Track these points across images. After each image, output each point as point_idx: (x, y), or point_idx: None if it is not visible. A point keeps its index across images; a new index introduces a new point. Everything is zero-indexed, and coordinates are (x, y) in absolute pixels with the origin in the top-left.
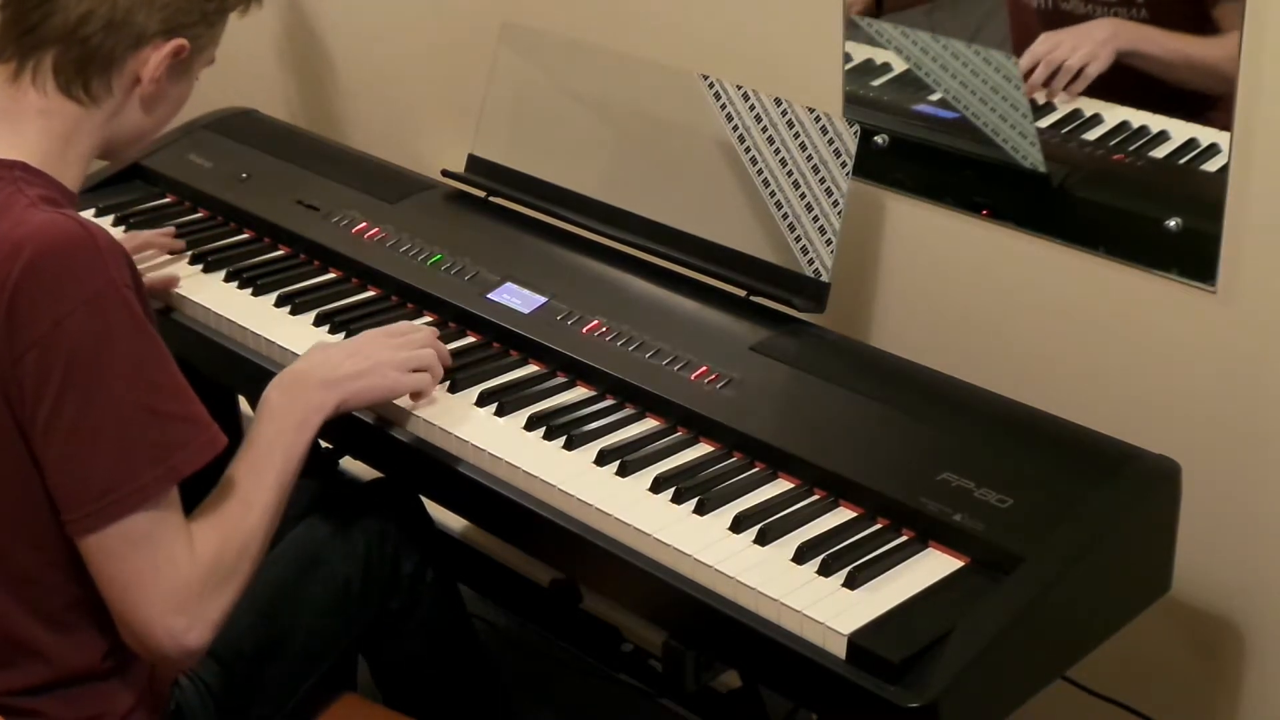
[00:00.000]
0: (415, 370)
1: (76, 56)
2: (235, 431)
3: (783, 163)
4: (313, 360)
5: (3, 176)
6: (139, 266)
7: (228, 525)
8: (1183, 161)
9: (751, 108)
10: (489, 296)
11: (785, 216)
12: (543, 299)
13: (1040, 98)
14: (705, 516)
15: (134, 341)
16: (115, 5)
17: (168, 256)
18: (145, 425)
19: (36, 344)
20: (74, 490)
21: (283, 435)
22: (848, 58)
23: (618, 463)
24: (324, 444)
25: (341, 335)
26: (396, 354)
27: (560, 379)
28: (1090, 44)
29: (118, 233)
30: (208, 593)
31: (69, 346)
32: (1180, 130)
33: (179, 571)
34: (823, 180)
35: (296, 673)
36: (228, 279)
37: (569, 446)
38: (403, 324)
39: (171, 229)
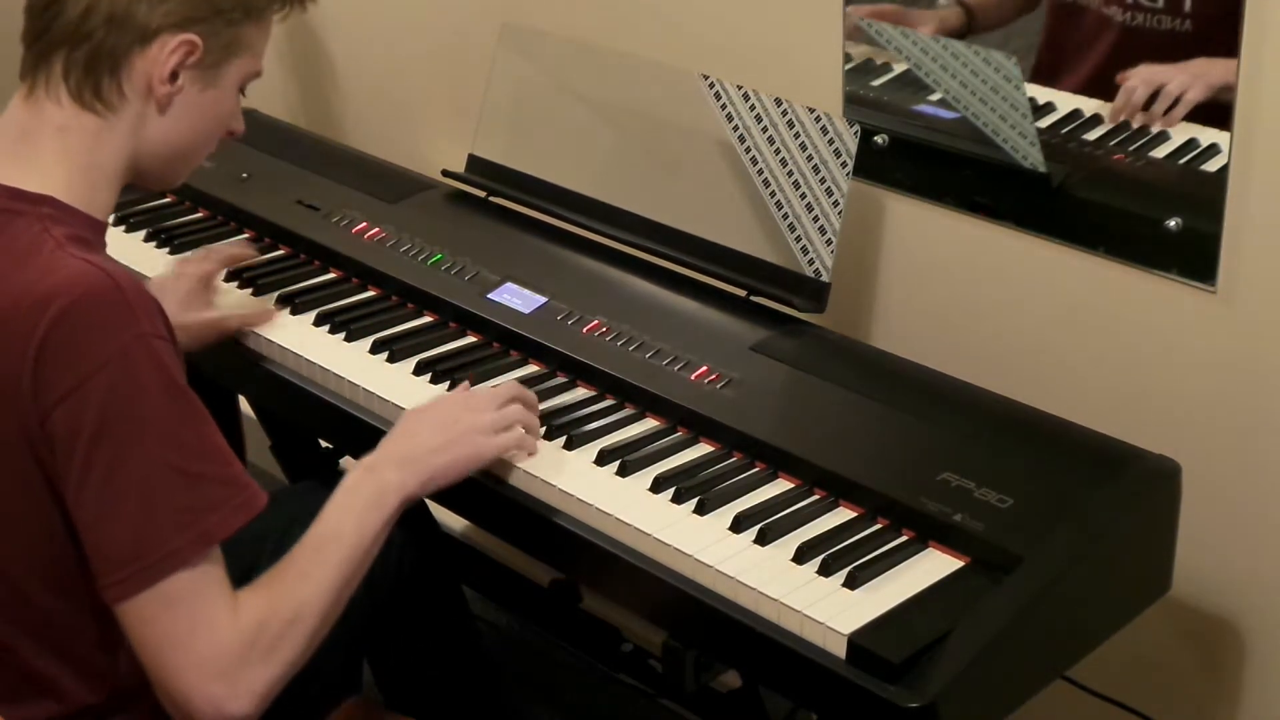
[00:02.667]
0: (504, 430)
1: (83, 56)
2: (235, 431)
3: (783, 163)
4: (395, 439)
5: (28, 213)
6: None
7: (278, 594)
8: (1183, 161)
9: (751, 108)
10: (489, 296)
11: (785, 216)
12: (543, 299)
13: (1136, 121)
14: (705, 516)
15: (164, 398)
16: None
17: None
18: (174, 487)
19: (65, 400)
20: (106, 554)
21: (352, 513)
22: (848, 58)
23: (618, 463)
24: (324, 444)
25: (341, 335)
26: (481, 417)
27: (560, 379)
28: (1188, 75)
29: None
30: (251, 661)
31: (98, 404)
32: (1180, 130)
33: (218, 636)
34: (823, 180)
35: (300, 676)
36: (228, 279)
37: (569, 446)
38: (485, 387)
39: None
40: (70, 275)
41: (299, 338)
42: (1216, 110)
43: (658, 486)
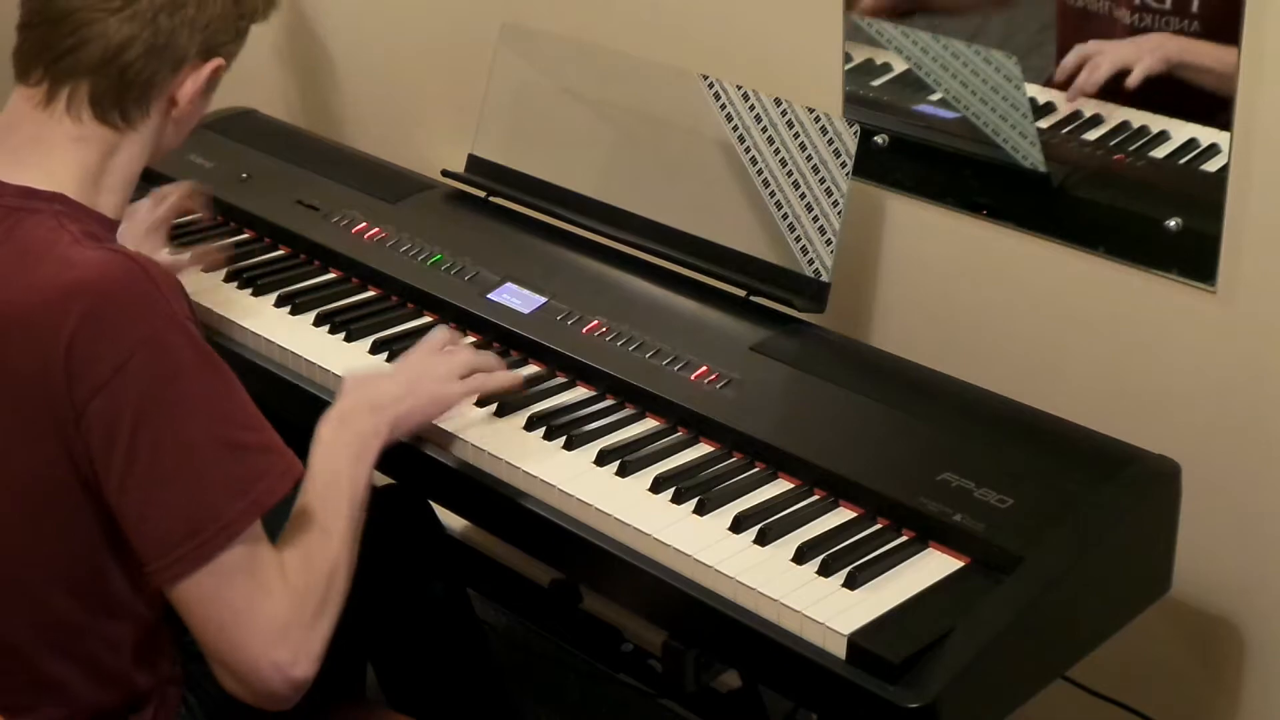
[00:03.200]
0: (463, 377)
1: (115, 85)
2: None
3: (783, 163)
4: (354, 392)
5: (42, 210)
6: (182, 257)
7: (313, 553)
8: (1183, 161)
9: (751, 108)
10: (489, 296)
11: (785, 216)
12: (543, 299)
13: (1071, 97)
14: (705, 516)
15: (201, 375)
16: (158, 29)
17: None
18: (223, 460)
19: (101, 390)
20: (158, 537)
21: (345, 467)
22: (848, 58)
23: (618, 463)
24: None
25: (341, 335)
26: (437, 367)
27: (560, 379)
28: (1136, 50)
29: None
30: (307, 621)
31: (136, 390)
32: (1180, 130)
33: (276, 603)
34: (823, 180)
35: None
36: (228, 279)
37: (569, 446)
38: (437, 330)
39: (189, 185)
40: (95, 265)
41: (299, 338)
42: (1206, 103)
43: (658, 486)
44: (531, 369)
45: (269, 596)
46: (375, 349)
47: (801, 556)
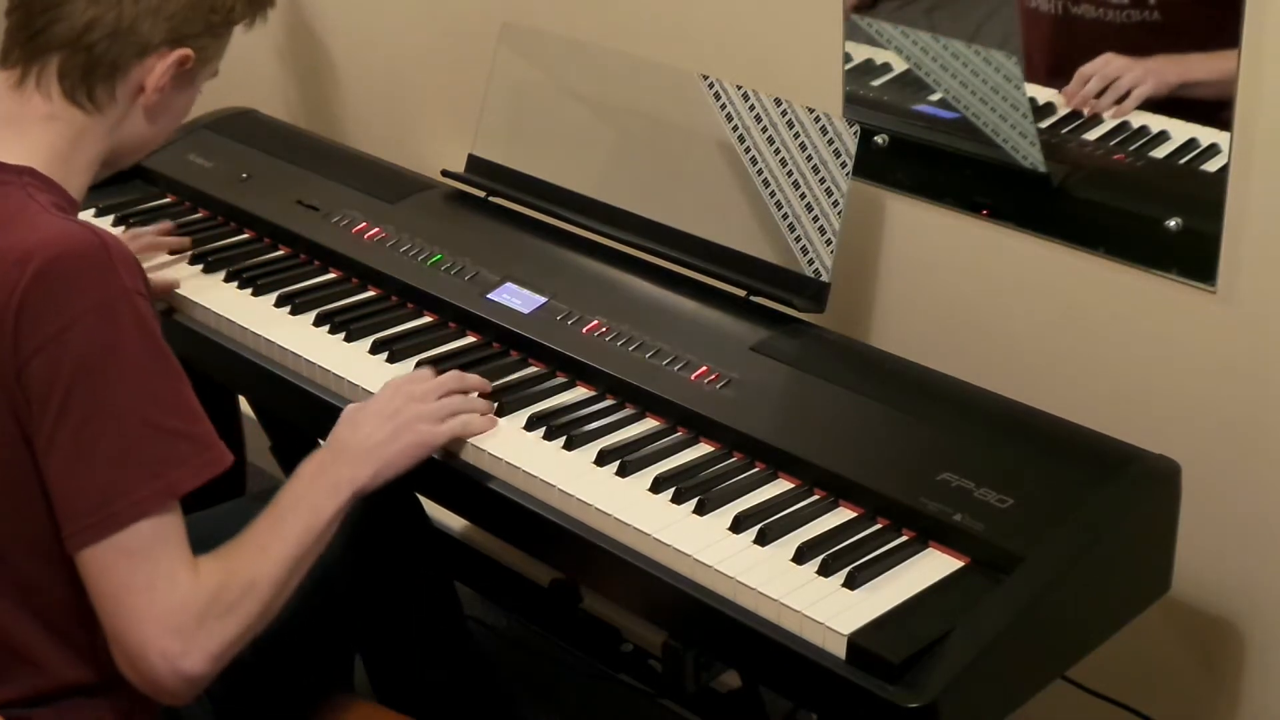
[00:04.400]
0: (451, 417)
1: (82, 63)
2: (235, 432)
3: (783, 163)
4: (342, 434)
5: (12, 182)
6: (145, 267)
7: (236, 563)
8: (1183, 161)
9: (751, 108)
10: (489, 296)
11: (785, 216)
12: (543, 299)
13: (1086, 110)
14: (705, 516)
15: (142, 352)
16: (121, 14)
17: (169, 257)
18: (145, 439)
19: (43, 350)
20: (72, 502)
21: (310, 495)
22: (848, 58)
23: (618, 463)
24: (321, 441)
25: (341, 335)
26: (423, 406)
27: (560, 379)
28: (1142, 69)
29: (119, 232)
30: (207, 621)
31: (76, 353)
32: (1180, 130)
33: (176, 591)
34: (823, 180)
35: (292, 673)
36: (228, 279)
37: (569, 446)
38: (420, 373)
39: (170, 224)
40: (54, 232)
41: (299, 338)
42: (1211, 110)
43: (658, 486)
44: (531, 369)
45: (171, 584)
46: (375, 349)
47: (801, 556)
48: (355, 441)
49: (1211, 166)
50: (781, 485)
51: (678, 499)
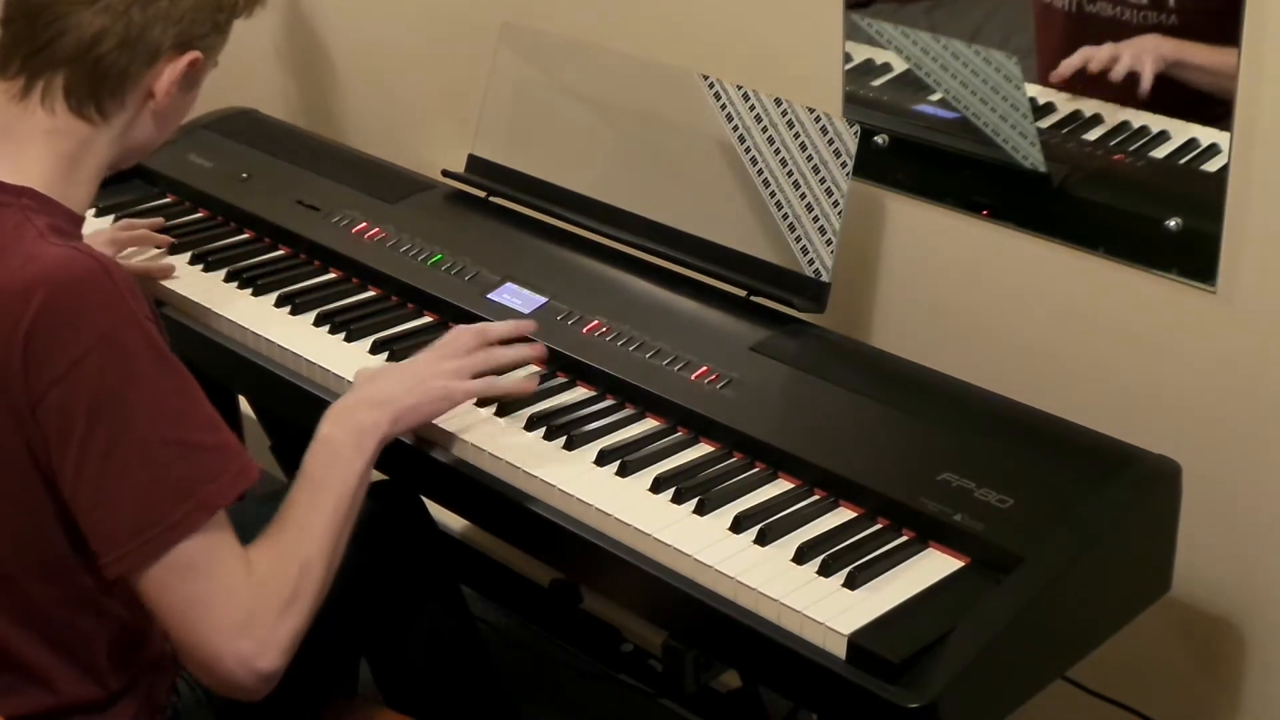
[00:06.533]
0: (474, 377)
1: (89, 76)
2: (235, 432)
3: (783, 163)
4: (359, 387)
5: (9, 204)
6: (131, 259)
7: (284, 548)
8: (1183, 161)
9: (751, 108)
10: (489, 296)
11: (785, 216)
12: (543, 299)
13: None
14: (705, 516)
15: (156, 374)
16: (130, 22)
17: (156, 250)
18: (172, 460)
19: (58, 384)
20: (108, 533)
21: (338, 460)
22: (848, 58)
23: (618, 463)
24: None
25: (341, 335)
26: (444, 364)
27: (560, 379)
28: (1137, 45)
29: (106, 222)
30: (273, 615)
31: (92, 385)
32: (1180, 130)
33: (238, 596)
34: (823, 180)
35: (297, 675)
36: (228, 279)
37: (569, 446)
38: (448, 335)
39: (160, 220)
40: (56, 260)
41: (299, 338)
42: (1211, 107)
43: (658, 486)
44: (531, 369)
45: (229, 590)
46: (375, 349)
47: (801, 556)
48: (375, 391)
49: (1211, 166)
50: (782, 485)
51: (678, 499)
